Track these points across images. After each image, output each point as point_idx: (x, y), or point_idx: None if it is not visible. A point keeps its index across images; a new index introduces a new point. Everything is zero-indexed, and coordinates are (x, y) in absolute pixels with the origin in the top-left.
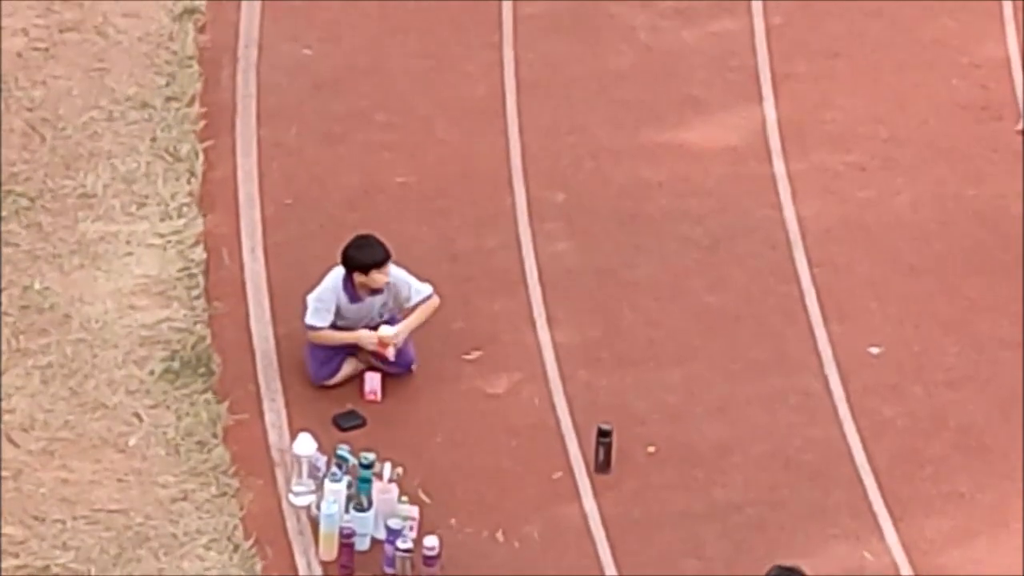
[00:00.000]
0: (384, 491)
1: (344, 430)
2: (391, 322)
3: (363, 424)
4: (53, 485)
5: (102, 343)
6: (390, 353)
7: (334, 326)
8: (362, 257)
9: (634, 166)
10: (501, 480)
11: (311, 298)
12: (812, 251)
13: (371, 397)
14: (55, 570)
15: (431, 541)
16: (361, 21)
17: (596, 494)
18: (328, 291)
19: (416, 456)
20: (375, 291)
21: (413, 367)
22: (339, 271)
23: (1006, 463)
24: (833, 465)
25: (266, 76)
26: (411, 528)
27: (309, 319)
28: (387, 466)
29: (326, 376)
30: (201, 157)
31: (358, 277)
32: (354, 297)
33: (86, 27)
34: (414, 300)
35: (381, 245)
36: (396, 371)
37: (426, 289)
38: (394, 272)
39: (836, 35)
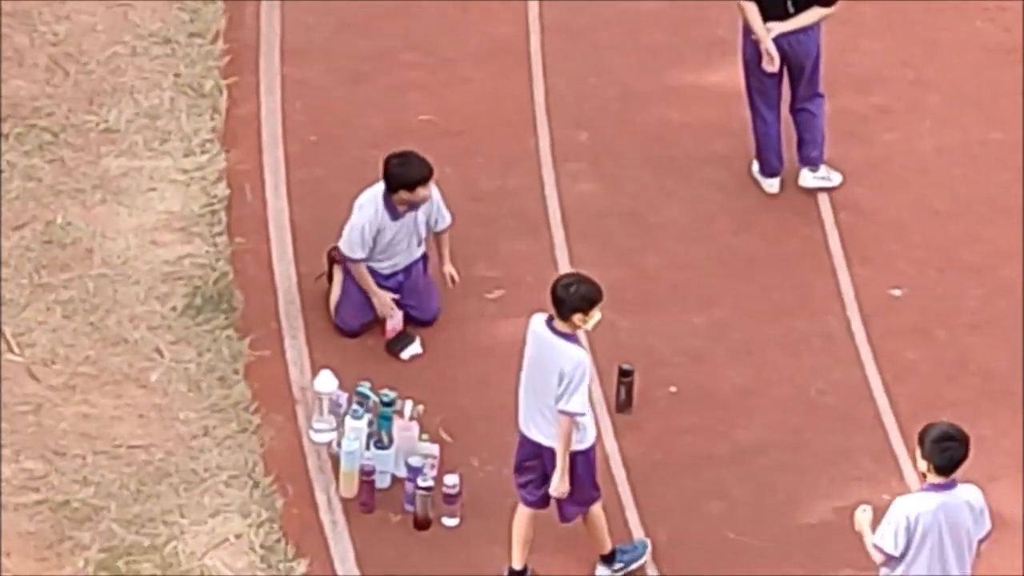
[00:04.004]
0: (405, 429)
1: (399, 352)
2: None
3: (414, 341)
4: (74, 420)
5: (124, 278)
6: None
7: (378, 244)
8: (409, 174)
9: (660, 108)
10: None
11: (348, 227)
12: (836, 194)
13: (392, 335)
14: (75, 505)
15: (452, 479)
16: None
17: (617, 434)
18: (368, 216)
19: (437, 394)
20: (414, 205)
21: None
22: (374, 191)
23: None
24: (855, 408)
25: (290, 14)
26: (432, 466)
27: (350, 251)
28: (408, 404)
29: (354, 325)
30: (225, 94)
31: (402, 194)
32: (395, 214)
33: None
34: (440, 227)
35: (423, 160)
36: (421, 318)
37: (448, 217)
38: (433, 192)
39: None
